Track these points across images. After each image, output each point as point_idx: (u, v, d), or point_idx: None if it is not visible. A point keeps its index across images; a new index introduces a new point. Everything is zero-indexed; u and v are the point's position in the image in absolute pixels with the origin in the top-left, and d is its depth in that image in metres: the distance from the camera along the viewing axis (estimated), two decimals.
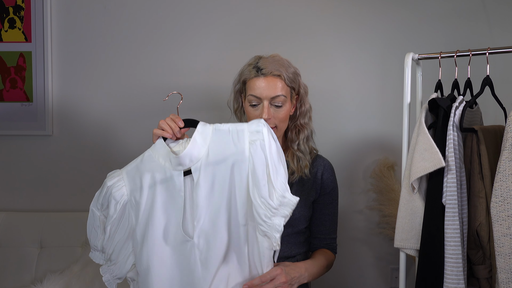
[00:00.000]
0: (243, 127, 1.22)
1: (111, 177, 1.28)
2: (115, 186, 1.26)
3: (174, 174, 1.23)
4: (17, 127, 2.12)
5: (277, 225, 1.16)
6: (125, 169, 1.29)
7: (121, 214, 1.26)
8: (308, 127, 1.55)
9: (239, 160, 1.20)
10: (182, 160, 1.21)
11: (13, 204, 2.14)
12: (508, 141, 1.23)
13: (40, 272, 1.92)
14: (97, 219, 1.28)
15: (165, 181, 1.24)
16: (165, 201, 1.24)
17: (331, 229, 1.57)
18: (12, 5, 2.10)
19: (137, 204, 1.25)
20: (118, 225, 1.26)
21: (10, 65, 2.11)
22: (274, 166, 1.18)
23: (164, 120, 1.28)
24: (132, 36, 2.12)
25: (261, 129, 1.20)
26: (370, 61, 2.12)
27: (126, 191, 1.26)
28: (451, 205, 1.30)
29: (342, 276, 2.16)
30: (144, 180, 1.25)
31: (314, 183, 1.54)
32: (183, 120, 1.28)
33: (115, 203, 1.24)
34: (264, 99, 1.42)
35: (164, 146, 1.25)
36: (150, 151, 1.28)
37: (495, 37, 2.10)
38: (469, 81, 1.50)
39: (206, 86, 2.11)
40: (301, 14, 2.11)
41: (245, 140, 1.20)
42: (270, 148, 1.19)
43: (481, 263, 1.37)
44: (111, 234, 1.26)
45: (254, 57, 1.51)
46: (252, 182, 1.18)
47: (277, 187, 1.17)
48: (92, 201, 1.29)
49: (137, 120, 2.12)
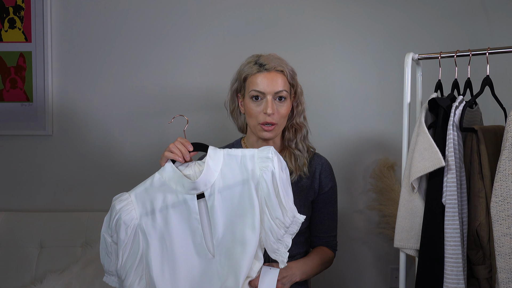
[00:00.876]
0: (253, 153, 1.28)
1: (119, 201, 1.26)
2: (124, 210, 1.24)
3: (187, 198, 1.25)
4: (17, 127, 2.12)
5: (287, 242, 1.27)
6: (133, 192, 1.28)
7: (132, 239, 1.24)
8: (304, 126, 1.55)
9: (250, 185, 1.25)
10: (197, 185, 1.24)
11: (13, 204, 2.15)
12: (508, 141, 1.23)
13: (40, 272, 1.92)
14: (109, 245, 1.26)
15: (178, 205, 1.25)
16: (179, 225, 1.24)
17: (330, 227, 1.57)
18: (12, 5, 2.10)
19: (147, 228, 1.24)
20: (130, 250, 1.24)
21: (10, 65, 2.11)
22: (284, 190, 1.26)
23: (174, 144, 1.29)
24: (132, 36, 2.12)
25: (271, 156, 1.26)
26: (370, 61, 2.12)
27: (136, 214, 1.25)
28: (451, 205, 1.30)
29: (342, 276, 2.16)
30: (156, 203, 1.25)
31: (313, 183, 1.54)
32: (192, 144, 1.30)
33: (125, 227, 1.23)
34: (267, 94, 1.43)
35: (175, 170, 1.27)
36: (158, 175, 1.28)
37: (495, 37, 2.10)
38: (469, 81, 1.50)
39: (205, 87, 2.11)
40: (300, 13, 2.11)
41: (256, 166, 1.26)
42: (280, 174, 1.25)
43: (481, 263, 1.37)
44: (124, 259, 1.24)
45: (252, 55, 1.51)
46: (266, 205, 1.25)
47: (288, 209, 1.25)
48: (102, 226, 1.27)
49: (137, 120, 2.13)
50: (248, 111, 1.48)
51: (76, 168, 2.14)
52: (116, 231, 1.23)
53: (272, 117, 1.43)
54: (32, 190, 2.15)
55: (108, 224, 1.26)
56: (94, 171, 2.13)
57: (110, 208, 1.26)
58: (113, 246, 1.25)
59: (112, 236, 1.25)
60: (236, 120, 1.60)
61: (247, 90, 1.47)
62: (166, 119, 2.10)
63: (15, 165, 2.15)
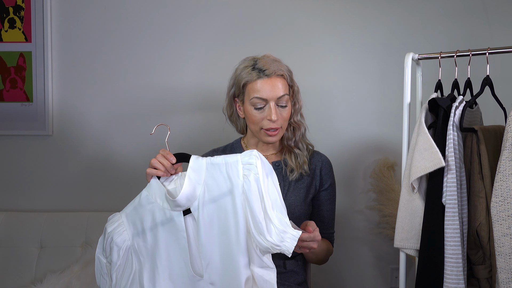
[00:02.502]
0: (236, 159, 1.19)
1: (111, 222, 1.23)
2: (115, 232, 1.21)
3: (174, 215, 1.20)
4: (17, 127, 2.12)
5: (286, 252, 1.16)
6: (124, 212, 1.25)
7: (125, 260, 1.22)
8: (302, 124, 1.54)
9: (236, 195, 1.17)
10: (179, 202, 1.17)
11: (13, 204, 2.14)
12: (508, 141, 1.23)
13: (40, 272, 1.92)
14: (104, 266, 1.24)
15: (166, 222, 1.21)
16: (168, 243, 1.21)
17: (329, 224, 1.57)
18: (12, 5, 2.10)
19: (139, 248, 1.22)
20: (123, 271, 1.22)
21: (10, 65, 2.11)
22: (270, 200, 1.16)
23: (156, 158, 1.23)
24: (132, 36, 2.12)
25: (254, 162, 1.17)
26: (370, 61, 2.12)
27: (128, 235, 1.22)
28: (451, 205, 1.30)
29: (342, 276, 2.16)
30: (145, 222, 1.22)
31: (313, 180, 1.54)
32: (174, 155, 1.23)
33: (117, 249, 1.20)
34: (270, 100, 1.41)
35: (160, 186, 1.21)
36: (146, 192, 1.23)
37: (495, 37, 2.10)
38: (469, 81, 1.50)
39: (206, 86, 2.11)
40: (298, 13, 2.11)
41: (239, 173, 1.17)
42: (264, 181, 1.16)
43: (481, 263, 1.37)
44: (117, 281, 1.22)
45: (248, 59, 1.48)
46: (250, 218, 1.15)
47: (275, 223, 1.15)
48: (97, 247, 1.25)
49: (137, 119, 2.12)
50: (249, 118, 1.46)
51: (76, 168, 2.14)
52: (110, 253, 1.21)
53: (276, 123, 1.43)
54: (32, 190, 2.15)
55: (103, 246, 1.23)
56: (94, 171, 2.13)
57: (104, 230, 1.24)
58: (108, 267, 1.23)
59: (107, 258, 1.23)
60: (235, 124, 1.58)
61: (247, 96, 1.44)
62: (166, 119, 2.10)
63: (15, 165, 2.15)
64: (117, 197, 2.11)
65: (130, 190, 2.11)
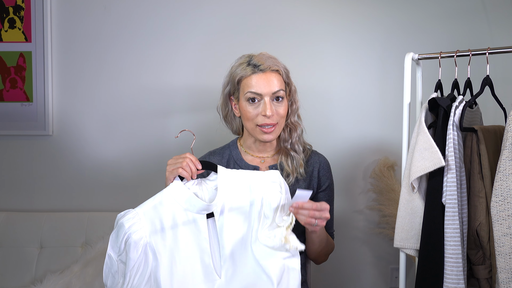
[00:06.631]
0: (261, 175, 1.31)
1: (127, 219, 1.22)
2: (133, 229, 1.21)
3: (197, 217, 1.25)
4: (17, 127, 2.12)
5: None
6: (141, 209, 1.25)
7: (142, 258, 1.21)
8: (299, 125, 1.53)
9: (256, 207, 1.28)
10: (211, 207, 1.25)
11: (13, 204, 2.14)
12: (508, 141, 1.23)
13: (40, 272, 1.92)
14: (115, 264, 1.23)
15: (187, 224, 1.24)
16: (188, 243, 1.24)
17: (329, 225, 1.56)
18: (12, 5, 2.10)
19: (157, 246, 1.22)
20: (139, 269, 1.21)
21: (10, 65, 2.11)
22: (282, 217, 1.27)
23: (185, 161, 1.28)
24: (132, 36, 2.12)
25: (278, 181, 1.30)
26: (370, 61, 2.12)
27: (145, 232, 1.22)
28: (451, 204, 1.30)
29: (342, 276, 2.16)
30: (165, 222, 1.24)
31: (311, 181, 1.53)
32: (200, 162, 1.30)
33: (135, 246, 1.20)
34: (265, 95, 1.40)
35: (186, 189, 1.27)
36: (167, 192, 1.27)
37: (495, 37, 2.10)
38: (469, 81, 1.50)
39: (207, 87, 2.11)
40: (298, 12, 2.10)
41: (262, 188, 1.29)
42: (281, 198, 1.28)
43: (481, 263, 1.37)
44: (130, 279, 1.20)
45: (243, 56, 1.47)
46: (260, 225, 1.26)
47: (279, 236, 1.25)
48: (109, 245, 1.23)
49: (136, 119, 2.12)
50: (244, 114, 1.45)
51: (76, 168, 2.14)
52: (126, 250, 1.20)
53: (271, 119, 1.41)
54: (32, 190, 2.15)
55: (116, 243, 1.22)
56: (94, 171, 2.13)
57: (117, 227, 1.22)
58: (120, 266, 1.22)
59: (120, 255, 1.22)
60: (230, 124, 1.57)
61: (242, 92, 1.44)
62: (166, 119, 2.10)
63: (15, 165, 2.15)
64: (117, 197, 2.11)
65: (130, 190, 2.12)
